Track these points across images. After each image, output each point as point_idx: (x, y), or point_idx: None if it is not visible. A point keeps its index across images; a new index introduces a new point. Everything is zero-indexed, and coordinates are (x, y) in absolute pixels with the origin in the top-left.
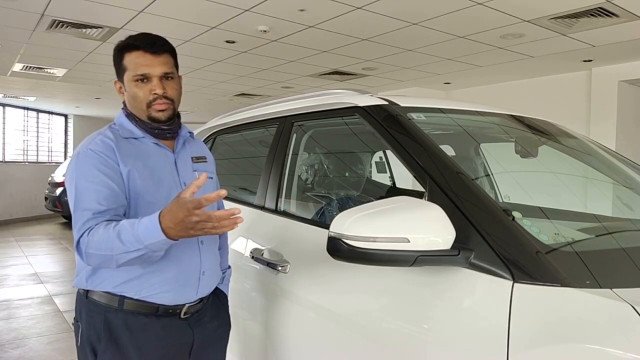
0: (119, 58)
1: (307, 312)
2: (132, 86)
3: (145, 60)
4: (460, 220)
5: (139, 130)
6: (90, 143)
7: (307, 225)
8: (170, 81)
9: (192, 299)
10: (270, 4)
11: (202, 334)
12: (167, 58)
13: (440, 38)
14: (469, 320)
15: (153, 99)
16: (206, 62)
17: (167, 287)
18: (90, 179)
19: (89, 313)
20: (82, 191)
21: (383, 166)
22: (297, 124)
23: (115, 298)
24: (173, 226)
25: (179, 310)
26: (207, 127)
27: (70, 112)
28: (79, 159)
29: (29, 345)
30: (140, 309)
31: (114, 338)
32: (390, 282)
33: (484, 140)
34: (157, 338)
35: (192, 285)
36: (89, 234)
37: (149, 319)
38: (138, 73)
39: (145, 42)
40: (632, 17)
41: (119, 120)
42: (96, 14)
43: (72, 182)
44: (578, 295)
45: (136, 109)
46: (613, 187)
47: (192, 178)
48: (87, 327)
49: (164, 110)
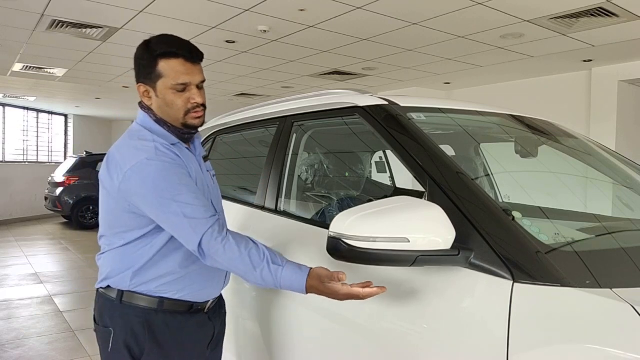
0: (152, 62)
1: (306, 312)
2: (170, 94)
3: (186, 70)
4: (460, 220)
5: (172, 136)
6: (148, 151)
7: (307, 225)
8: (203, 89)
9: (217, 294)
10: (270, 4)
11: (219, 325)
12: (201, 67)
13: (440, 38)
14: (469, 320)
15: (192, 107)
16: (206, 62)
17: (202, 286)
18: (179, 182)
19: (124, 317)
20: (177, 195)
21: (383, 166)
22: (297, 124)
23: (154, 300)
24: (317, 293)
25: (205, 306)
26: (207, 127)
27: (70, 112)
28: (150, 167)
29: (29, 345)
30: (178, 307)
31: (157, 339)
32: (390, 282)
33: (484, 140)
34: (192, 334)
35: (220, 281)
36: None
37: (184, 317)
38: (179, 82)
39: (185, 50)
40: (632, 17)
41: (148, 126)
42: (96, 14)
43: (154, 187)
44: (578, 295)
45: (171, 116)
46: (613, 187)
47: (208, 178)
48: (123, 331)
49: (201, 117)
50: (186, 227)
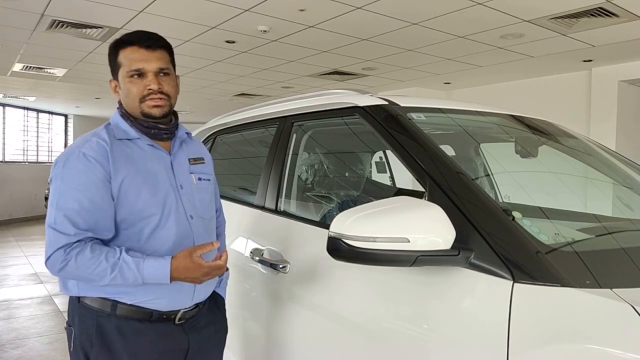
0: (114, 55)
1: (307, 312)
2: (127, 82)
3: (140, 56)
4: (460, 220)
5: (134, 131)
6: (83, 145)
7: (307, 225)
8: (167, 77)
9: (188, 304)
10: (270, 4)
11: (198, 340)
12: (163, 54)
13: (440, 38)
14: (469, 320)
15: (147, 93)
16: (206, 62)
17: (161, 294)
18: (76, 187)
19: (81, 318)
20: (65, 199)
21: (383, 166)
22: (297, 124)
23: (108, 303)
24: (184, 277)
25: (174, 315)
26: (207, 127)
27: (70, 112)
28: (68, 163)
29: (29, 345)
30: (133, 314)
31: (106, 343)
32: (390, 282)
33: (484, 140)
34: (151, 344)
35: (188, 291)
36: (71, 254)
37: (142, 324)
38: (132, 68)
39: (140, 37)
40: (632, 17)
41: (114, 121)
42: (96, 14)
43: (56, 186)
44: (578, 295)
45: (130, 106)
46: (613, 187)
47: (189, 180)
48: (80, 332)
49: (160, 106)
50: (48, 236)
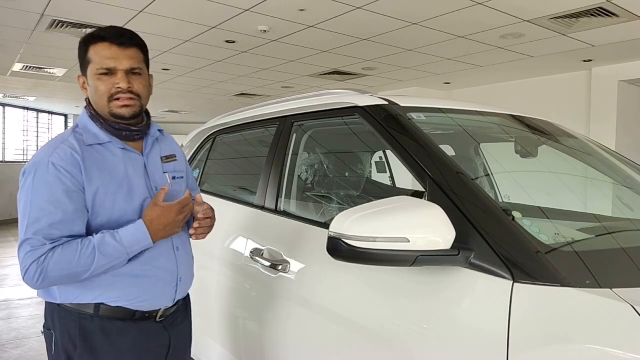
0: (84, 50)
1: (307, 312)
2: (95, 80)
3: (111, 53)
4: (460, 220)
5: (104, 134)
6: (52, 154)
7: (307, 225)
8: (138, 77)
9: (169, 304)
10: (270, 4)
11: (177, 336)
12: (136, 52)
13: (440, 38)
14: (469, 320)
15: (116, 92)
16: (206, 62)
17: (145, 297)
18: (48, 200)
19: (62, 320)
20: (37, 213)
21: (383, 166)
22: (297, 124)
23: (90, 305)
24: (163, 228)
25: (155, 314)
26: (207, 127)
27: (70, 112)
28: (37, 174)
29: (29, 345)
30: (116, 314)
31: (90, 344)
32: (390, 282)
33: (484, 140)
34: (134, 342)
35: (170, 291)
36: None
37: (125, 324)
38: (103, 67)
39: (113, 33)
40: (632, 17)
41: (82, 122)
42: (96, 14)
43: (27, 198)
44: (578, 295)
45: (99, 104)
46: (613, 187)
47: (163, 180)
48: (62, 335)
49: (129, 106)
50: (22, 251)
